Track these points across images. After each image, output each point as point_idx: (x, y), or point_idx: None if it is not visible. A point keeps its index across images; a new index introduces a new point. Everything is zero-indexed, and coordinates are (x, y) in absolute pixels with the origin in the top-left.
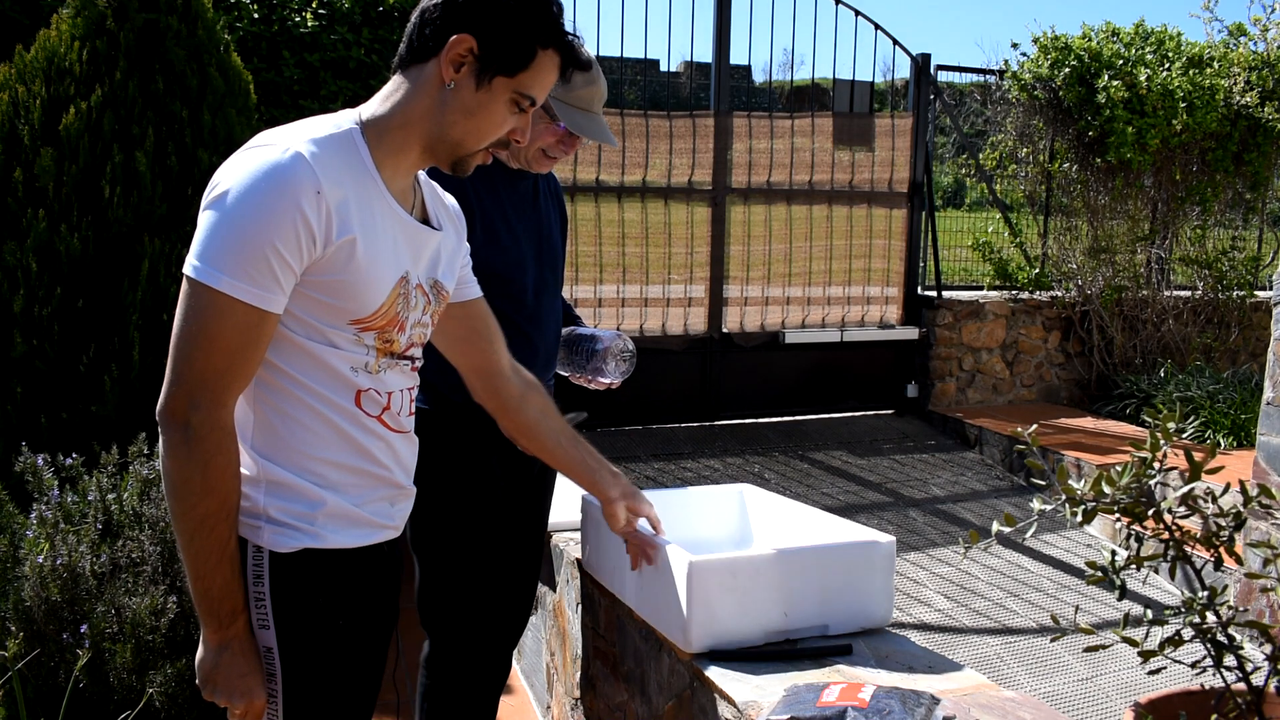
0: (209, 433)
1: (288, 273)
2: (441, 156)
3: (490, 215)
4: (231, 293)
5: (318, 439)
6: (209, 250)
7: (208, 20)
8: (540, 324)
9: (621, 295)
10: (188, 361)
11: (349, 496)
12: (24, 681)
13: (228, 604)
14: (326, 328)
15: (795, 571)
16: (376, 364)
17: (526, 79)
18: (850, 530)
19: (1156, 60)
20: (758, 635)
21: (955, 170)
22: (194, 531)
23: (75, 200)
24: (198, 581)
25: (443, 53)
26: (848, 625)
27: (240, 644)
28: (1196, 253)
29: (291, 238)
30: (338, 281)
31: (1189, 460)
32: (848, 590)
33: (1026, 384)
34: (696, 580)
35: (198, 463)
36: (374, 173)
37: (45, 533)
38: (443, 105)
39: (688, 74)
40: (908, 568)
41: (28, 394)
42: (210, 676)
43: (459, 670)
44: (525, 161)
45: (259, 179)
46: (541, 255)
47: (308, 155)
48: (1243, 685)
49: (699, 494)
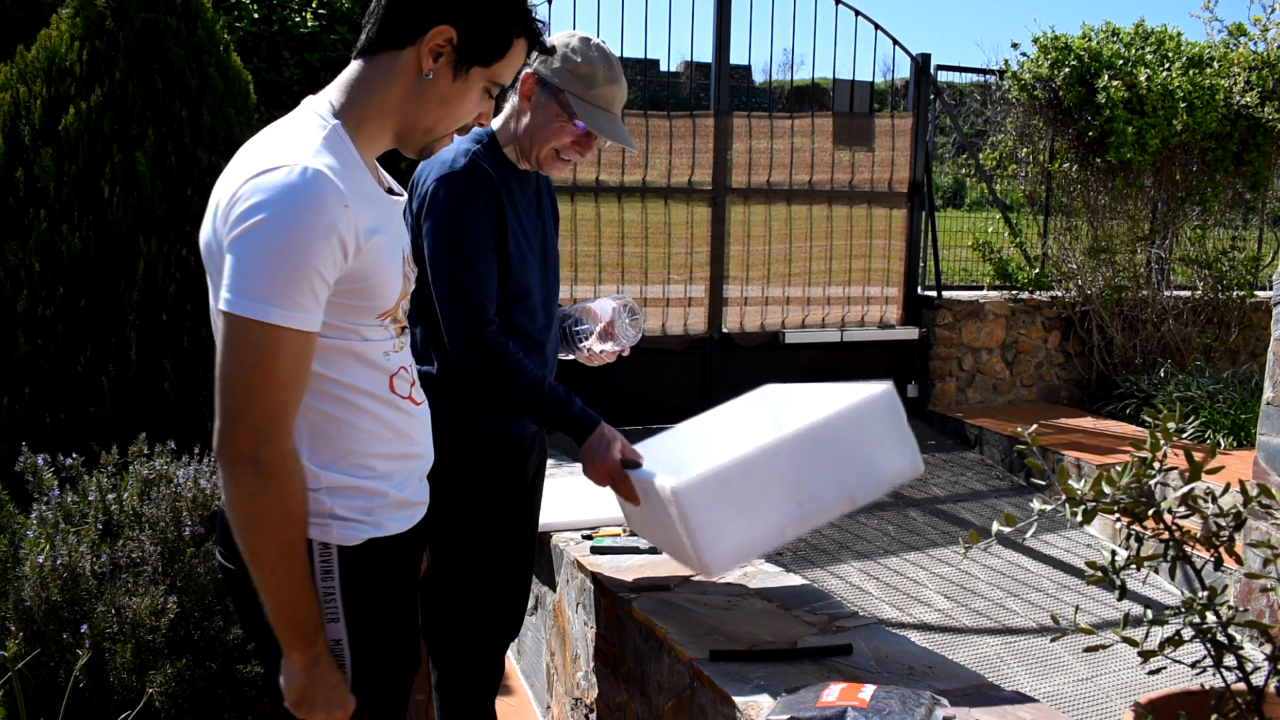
0: (281, 464)
1: (324, 289)
2: (413, 142)
3: (517, 231)
4: (282, 323)
5: (366, 435)
6: (250, 284)
7: (207, 20)
8: (549, 333)
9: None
10: (247, 398)
11: (396, 483)
12: (24, 681)
13: (312, 622)
14: (358, 326)
15: (793, 459)
16: (397, 342)
17: (500, 67)
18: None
19: (1156, 60)
20: (774, 535)
21: (955, 170)
22: (275, 562)
23: (75, 200)
24: (282, 609)
25: (422, 43)
26: (874, 490)
27: (325, 657)
28: (1196, 253)
29: (329, 256)
30: (368, 284)
31: (1189, 460)
32: (860, 456)
33: (1026, 384)
34: (687, 501)
35: (274, 495)
36: (362, 165)
37: (45, 533)
38: (419, 94)
39: (688, 74)
40: (908, 568)
41: (33, 394)
42: (305, 695)
43: (464, 685)
44: (536, 163)
45: (289, 204)
46: (547, 262)
47: (326, 170)
48: (1243, 685)
49: (721, 412)
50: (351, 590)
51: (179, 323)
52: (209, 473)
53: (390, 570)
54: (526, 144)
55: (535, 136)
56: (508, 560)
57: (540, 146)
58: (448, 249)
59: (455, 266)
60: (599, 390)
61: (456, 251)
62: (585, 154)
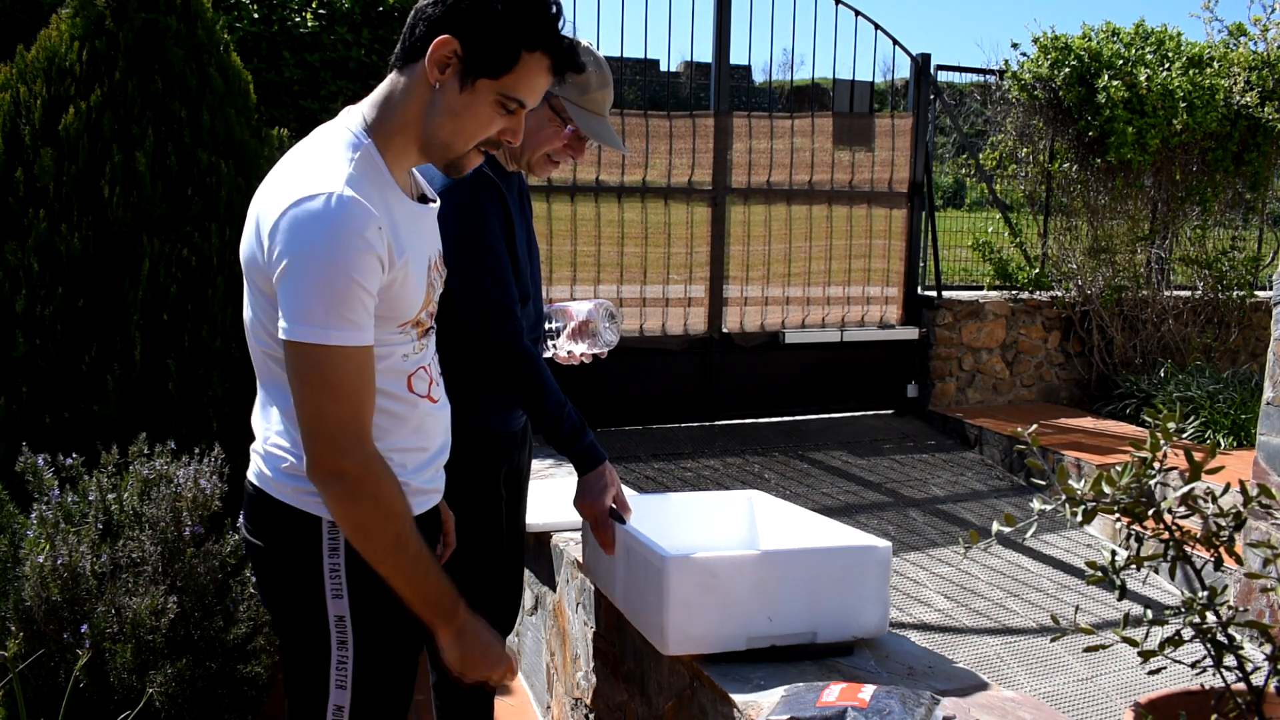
0: (366, 469)
1: (373, 303)
2: (435, 157)
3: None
4: (341, 343)
5: (382, 430)
6: (305, 312)
7: (207, 20)
8: (538, 330)
9: (621, 295)
10: (321, 417)
11: (410, 472)
12: (24, 681)
13: (447, 598)
14: (382, 334)
15: (780, 574)
16: (419, 344)
17: (511, 81)
18: (846, 535)
19: (1156, 60)
20: (739, 640)
21: (955, 170)
22: (394, 556)
23: (75, 200)
24: (415, 595)
25: (428, 53)
26: (838, 633)
27: (471, 624)
28: (1196, 253)
29: (369, 272)
30: (395, 298)
31: (1189, 460)
32: (838, 596)
33: (1026, 384)
34: (675, 579)
35: (367, 499)
36: (392, 181)
37: (45, 533)
38: (432, 106)
39: (688, 74)
40: (908, 568)
41: (31, 394)
42: (466, 663)
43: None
44: (527, 166)
45: (326, 234)
46: (533, 260)
47: (357, 194)
48: (1243, 685)
49: (707, 499)
50: (357, 570)
51: (180, 322)
52: (209, 473)
53: None
54: (518, 148)
55: (528, 140)
56: (503, 555)
57: (533, 150)
58: (469, 257)
59: (479, 274)
60: (599, 390)
61: (479, 259)
62: (577, 157)
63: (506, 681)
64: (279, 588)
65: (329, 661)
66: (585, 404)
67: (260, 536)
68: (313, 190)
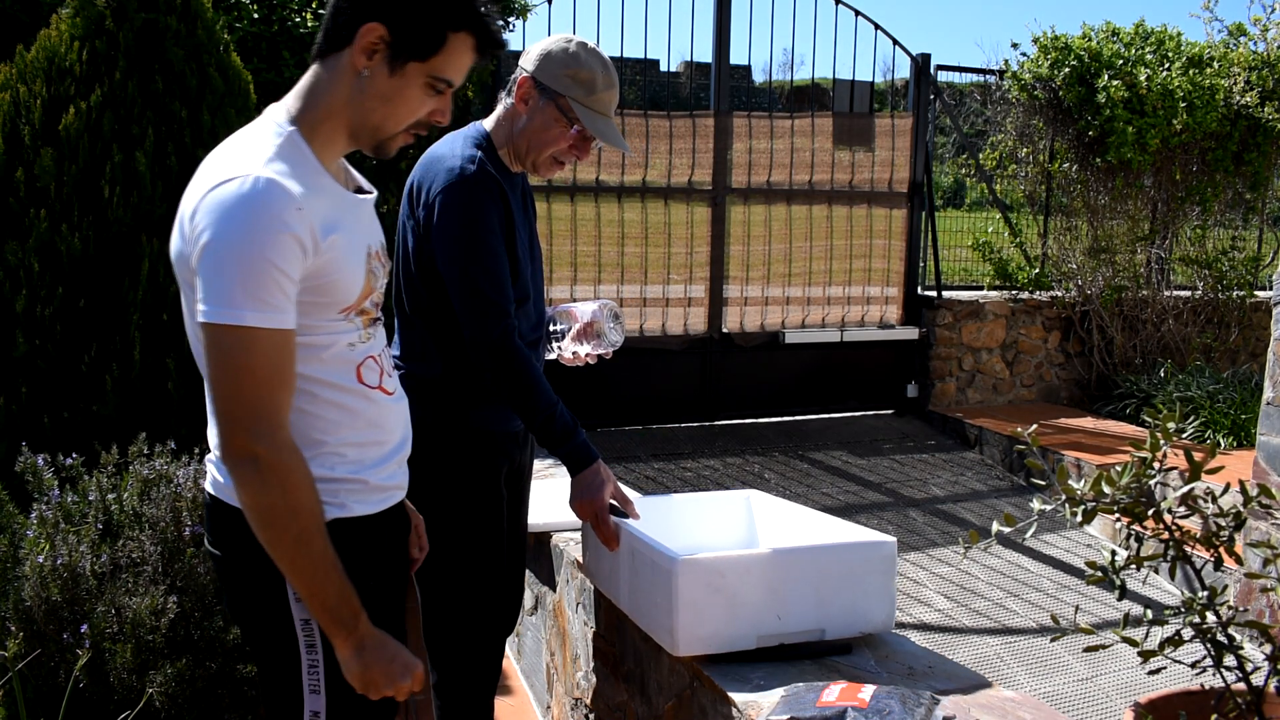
0: (278, 456)
1: (293, 288)
2: (364, 141)
3: (522, 236)
4: (255, 324)
5: (333, 424)
6: (220, 293)
7: (207, 20)
8: (540, 331)
9: (621, 295)
10: (235, 400)
11: (368, 468)
12: (24, 681)
13: (347, 608)
14: (321, 322)
15: (788, 573)
16: (365, 333)
17: (439, 63)
18: (850, 531)
19: (1156, 60)
20: (749, 639)
21: (955, 170)
22: (294, 553)
23: (75, 200)
24: (312, 598)
25: (355, 42)
26: (845, 630)
27: (371, 638)
28: (1196, 253)
29: (287, 255)
30: (328, 282)
31: (1189, 460)
32: (845, 593)
33: (1026, 384)
34: (684, 580)
35: (276, 487)
36: (320, 168)
37: (45, 533)
38: (360, 93)
39: (688, 74)
40: (908, 568)
41: (31, 394)
42: (366, 678)
43: (462, 684)
44: (532, 166)
45: (242, 214)
46: (535, 259)
47: (276, 176)
48: (1243, 685)
49: (705, 499)
50: None
51: (179, 323)
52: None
53: (360, 551)
54: (523, 147)
55: (533, 141)
56: (504, 555)
57: (539, 151)
58: (466, 255)
59: (476, 274)
60: (599, 390)
61: (476, 258)
62: (583, 157)
63: (415, 690)
64: (243, 596)
65: (300, 667)
66: (585, 404)
67: (219, 546)
68: (232, 174)
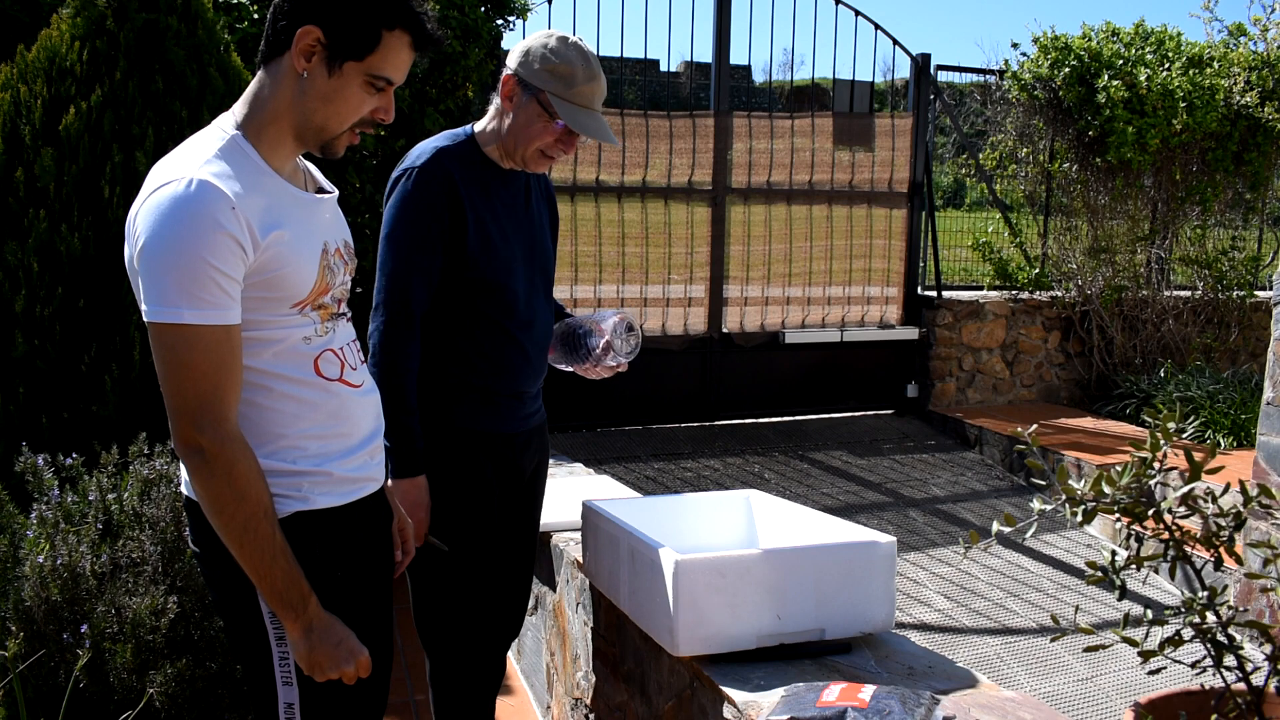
0: (222, 446)
1: (233, 285)
2: (310, 141)
3: (484, 220)
4: (194, 321)
5: (291, 418)
6: (159, 293)
7: (208, 20)
8: (531, 330)
9: (621, 295)
10: (179, 394)
11: (330, 461)
12: (24, 681)
13: (294, 592)
14: (272, 317)
15: (788, 572)
16: (322, 327)
17: (376, 61)
18: (850, 531)
19: (1156, 60)
20: (749, 639)
21: (955, 170)
22: (240, 538)
23: (75, 200)
24: (261, 581)
25: (293, 45)
26: (845, 629)
27: (320, 621)
28: (1196, 253)
29: (224, 253)
30: (275, 277)
31: (1189, 460)
32: (845, 592)
33: (1026, 384)
34: (683, 580)
35: (221, 476)
36: (266, 169)
37: (45, 533)
38: (302, 94)
39: (688, 74)
40: (908, 568)
41: (29, 394)
42: (312, 660)
43: (459, 680)
44: (522, 161)
45: (176, 215)
46: (533, 259)
47: (210, 176)
48: (1243, 685)
49: (705, 499)
50: None
51: None
52: None
53: (324, 543)
54: (510, 144)
55: (519, 137)
56: (499, 558)
57: (524, 146)
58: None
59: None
60: (600, 390)
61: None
62: (569, 151)
63: (361, 675)
64: (218, 591)
65: (271, 659)
66: (586, 404)
67: (198, 543)
68: (169, 178)
